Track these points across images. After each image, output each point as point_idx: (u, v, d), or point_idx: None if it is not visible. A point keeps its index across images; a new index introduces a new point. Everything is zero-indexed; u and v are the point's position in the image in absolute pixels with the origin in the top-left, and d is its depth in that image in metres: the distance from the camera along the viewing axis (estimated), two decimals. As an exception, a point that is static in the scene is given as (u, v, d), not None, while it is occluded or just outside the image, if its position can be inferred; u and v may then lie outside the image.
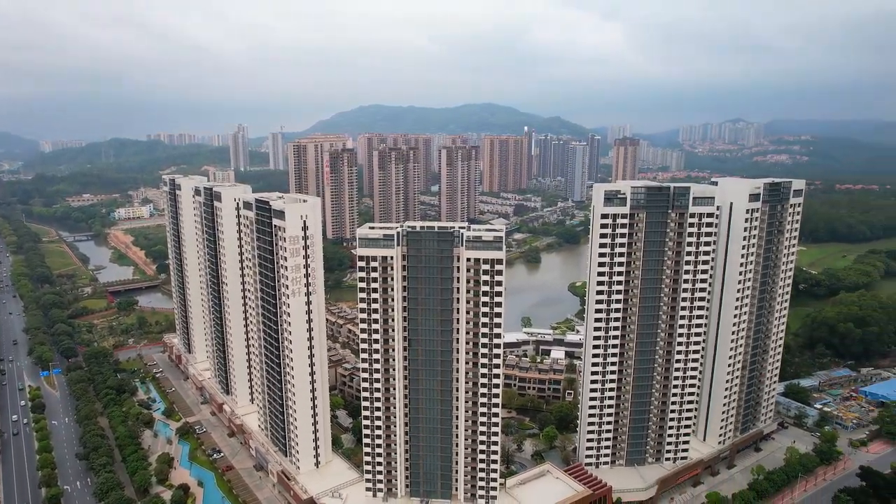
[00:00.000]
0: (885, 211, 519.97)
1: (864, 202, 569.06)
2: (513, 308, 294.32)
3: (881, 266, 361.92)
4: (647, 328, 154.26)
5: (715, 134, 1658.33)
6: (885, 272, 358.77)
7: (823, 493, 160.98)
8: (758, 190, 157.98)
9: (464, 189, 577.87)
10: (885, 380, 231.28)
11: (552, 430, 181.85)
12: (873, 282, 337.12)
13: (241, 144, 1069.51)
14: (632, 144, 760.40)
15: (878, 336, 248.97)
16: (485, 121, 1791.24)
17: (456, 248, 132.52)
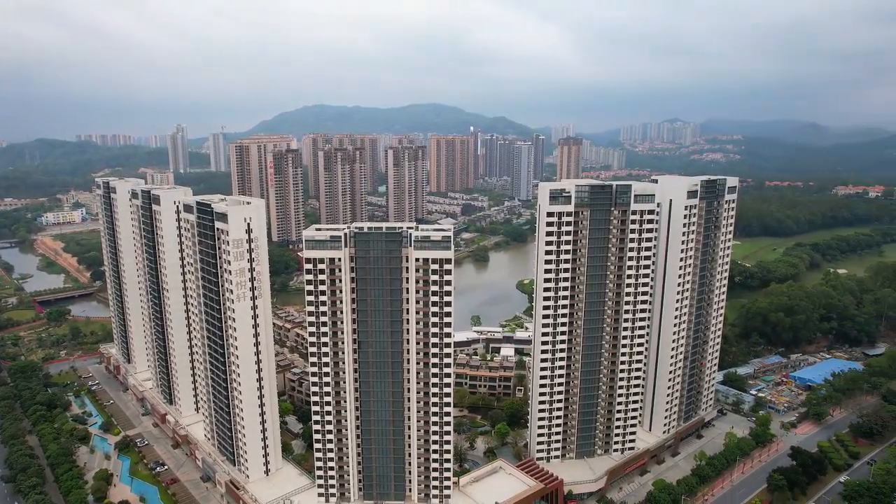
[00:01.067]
0: (808, 206, 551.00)
1: (790, 198, 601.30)
2: (462, 307, 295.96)
3: (806, 258, 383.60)
4: (594, 323, 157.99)
5: (654, 133, 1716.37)
6: (810, 264, 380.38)
7: (759, 473, 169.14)
8: (695, 187, 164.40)
9: (411, 189, 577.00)
10: (811, 365, 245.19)
11: (504, 426, 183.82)
12: (800, 273, 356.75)
13: (181, 145, 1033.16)
14: (575, 144, 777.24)
15: (805, 323, 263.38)
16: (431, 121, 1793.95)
17: (404, 249, 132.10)
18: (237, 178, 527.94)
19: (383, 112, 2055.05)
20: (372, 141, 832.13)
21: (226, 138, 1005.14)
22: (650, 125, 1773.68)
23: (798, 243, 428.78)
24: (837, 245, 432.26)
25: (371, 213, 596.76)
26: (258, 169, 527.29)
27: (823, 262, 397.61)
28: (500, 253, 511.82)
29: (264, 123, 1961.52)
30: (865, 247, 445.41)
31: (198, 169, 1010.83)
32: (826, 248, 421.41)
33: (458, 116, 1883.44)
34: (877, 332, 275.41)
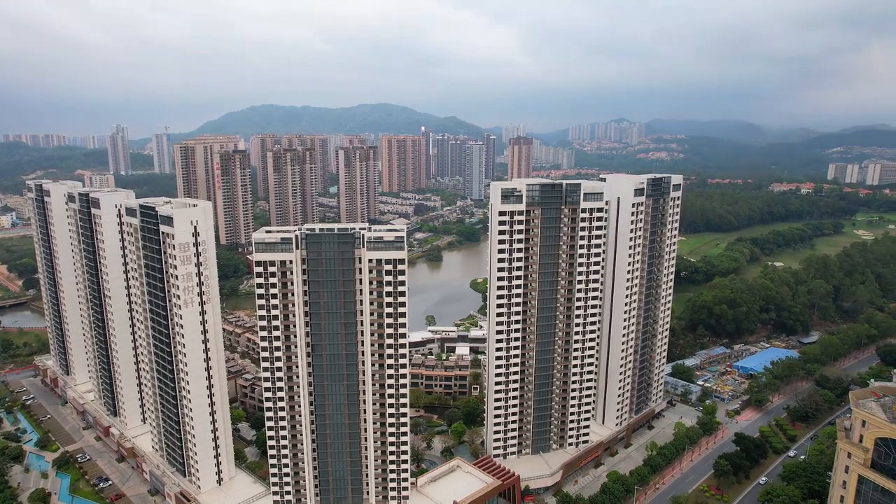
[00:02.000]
0: (748, 203, 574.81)
1: (731, 195, 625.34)
2: (416, 307, 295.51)
3: (747, 252, 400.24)
4: (546, 320, 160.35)
5: (601, 133, 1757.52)
6: (750, 257, 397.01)
7: (707, 460, 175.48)
8: (642, 185, 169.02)
9: (363, 190, 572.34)
10: (752, 354, 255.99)
11: (460, 425, 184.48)
12: (741, 267, 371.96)
13: (122, 146, 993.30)
14: (525, 144, 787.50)
15: (747, 315, 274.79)
16: (382, 121, 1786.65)
17: (357, 250, 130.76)
18: (182, 179, 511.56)
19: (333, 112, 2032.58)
20: (322, 141, 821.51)
21: (170, 139, 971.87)
22: (598, 125, 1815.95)
23: (739, 238, 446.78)
24: (774, 239, 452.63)
25: (322, 215, 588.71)
26: (205, 170, 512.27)
27: (762, 255, 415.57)
28: (454, 252, 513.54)
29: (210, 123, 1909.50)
30: (799, 240, 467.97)
31: (140, 171, 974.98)
32: (764, 243, 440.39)
33: (409, 116, 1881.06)
34: (810, 321, 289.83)
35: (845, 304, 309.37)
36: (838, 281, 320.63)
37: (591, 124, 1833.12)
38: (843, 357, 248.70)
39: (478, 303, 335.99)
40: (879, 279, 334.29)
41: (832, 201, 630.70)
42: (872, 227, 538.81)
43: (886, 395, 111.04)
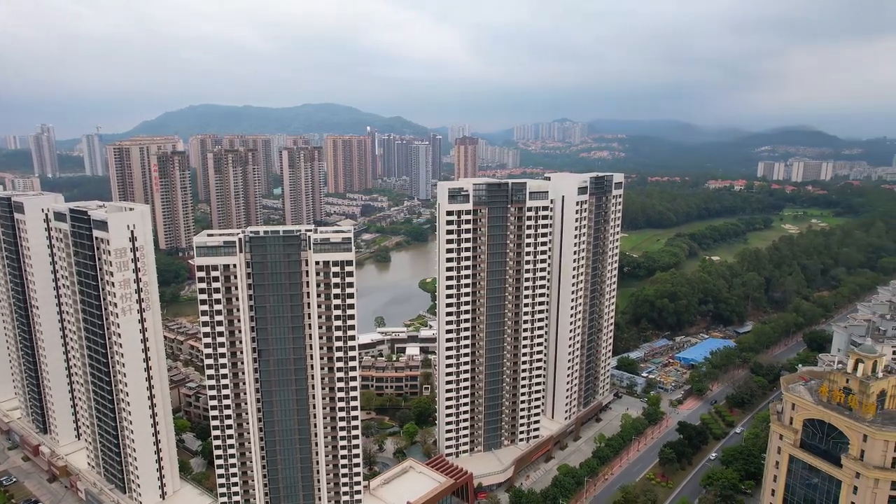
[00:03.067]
0: (686, 200, 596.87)
1: (670, 192, 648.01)
2: (365, 309, 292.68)
3: (686, 247, 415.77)
4: (495, 318, 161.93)
5: (545, 133, 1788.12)
6: (688, 252, 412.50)
7: (652, 449, 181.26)
8: (585, 184, 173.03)
9: (308, 191, 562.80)
10: (693, 345, 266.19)
11: (412, 425, 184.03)
12: (680, 261, 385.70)
13: (47, 147, 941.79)
14: (471, 143, 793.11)
15: (687, 308, 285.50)
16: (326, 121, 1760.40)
17: (303, 252, 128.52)
18: (117, 182, 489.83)
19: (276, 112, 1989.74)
20: (265, 142, 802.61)
21: (102, 140, 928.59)
22: (542, 125, 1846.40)
23: (678, 234, 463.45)
24: (710, 234, 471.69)
25: (267, 217, 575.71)
26: (141, 173, 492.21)
27: (700, 250, 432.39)
28: (402, 253, 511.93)
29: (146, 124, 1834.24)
30: (733, 235, 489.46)
31: (70, 173, 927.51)
32: (701, 238, 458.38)
33: (354, 116, 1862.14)
34: (745, 311, 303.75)
35: (775, 294, 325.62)
36: (769, 273, 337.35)
37: (535, 124, 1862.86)
38: (774, 345, 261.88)
39: (427, 303, 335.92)
40: (805, 270, 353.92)
41: (762, 197, 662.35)
42: (798, 222, 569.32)
43: (812, 379, 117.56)
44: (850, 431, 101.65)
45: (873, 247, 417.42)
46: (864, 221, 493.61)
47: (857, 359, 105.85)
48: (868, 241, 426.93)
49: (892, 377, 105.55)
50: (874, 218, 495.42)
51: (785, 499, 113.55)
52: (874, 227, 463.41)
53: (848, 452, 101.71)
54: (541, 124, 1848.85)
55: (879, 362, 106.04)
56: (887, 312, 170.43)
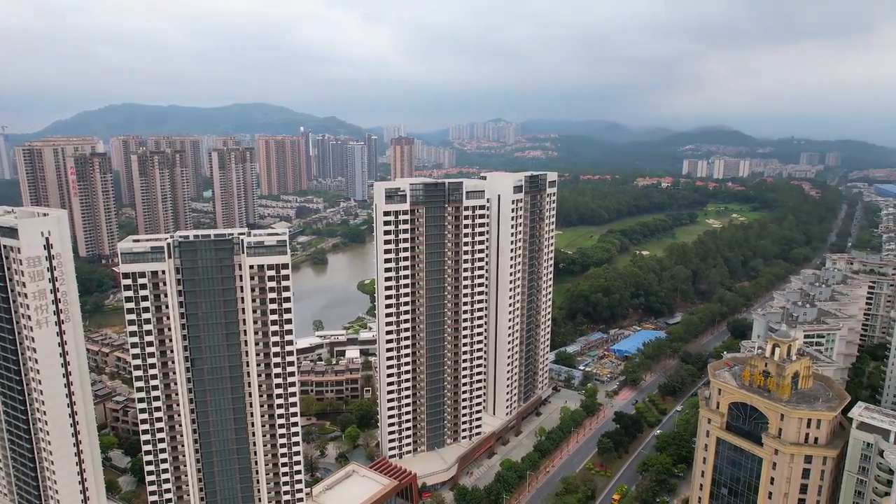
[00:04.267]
0: (616, 197, 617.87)
1: (601, 190, 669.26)
2: (303, 312, 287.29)
3: (617, 243, 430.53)
4: (435, 317, 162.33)
5: (480, 133, 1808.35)
6: (620, 248, 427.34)
7: (591, 439, 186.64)
8: (520, 182, 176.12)
9: (240, 193, 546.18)
10: (626, 337, 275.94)
11: (354, 429, 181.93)
12: (613, 257, 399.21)
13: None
14: (407, 143, 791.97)
15: (620, 301, 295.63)
16: (258, 121, 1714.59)
17: (236, 256, 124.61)
18: (28, 186, 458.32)
19: (204, 112, 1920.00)
20: (193, 142, 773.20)
21: (9, 140, 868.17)
22: (476, 125, 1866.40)
23: (610, 230, 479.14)
24: (640, 230, 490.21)
25: (197, 221, 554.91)
26: (56, 175, 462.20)
27: (631, 245, 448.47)
28: (339, 255, 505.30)
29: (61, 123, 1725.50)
30: (661, 230, 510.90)
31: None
32: (632, 233, 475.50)
33: (286, 116, 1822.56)
34: (674, 303, 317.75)
35: (702, 286, 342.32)
36: (695, 266, 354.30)
37: (471, 124, 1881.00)
38: (701, 334, 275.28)
39: (366, 304, 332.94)
40: (727, 262, 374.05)
41: (687, 194, 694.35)
42: (720, 217, 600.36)
43: (736, 365, 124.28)
44: (769, 412, 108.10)
45: (786, 239, 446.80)
46: (778, 216, 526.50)
47: (774, 344, 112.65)
48: (781, 233, 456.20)
49: (804, 359, 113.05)
50: (786, 212, 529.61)
51: (714, 479, 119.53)
52: (786, 220, 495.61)
53: (767, 431, 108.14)
54: (476, 124, 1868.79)
55: (793, 346, 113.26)
56: (799, 300, 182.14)
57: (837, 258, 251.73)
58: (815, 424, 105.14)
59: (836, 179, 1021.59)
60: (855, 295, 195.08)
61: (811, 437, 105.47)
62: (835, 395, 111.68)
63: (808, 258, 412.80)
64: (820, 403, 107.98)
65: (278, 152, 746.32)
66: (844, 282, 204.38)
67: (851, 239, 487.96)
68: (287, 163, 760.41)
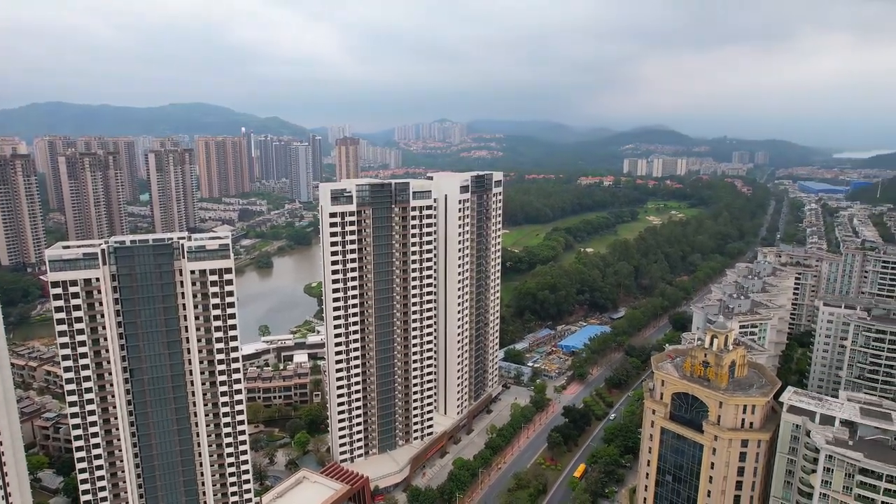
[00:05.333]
0: (560, 196, 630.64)
1: (546, 189, 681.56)
2: (248, 317, 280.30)
3: (562, 241, 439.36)
4: (384, 318, 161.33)
5: (426, 133, 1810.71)
6: (565, 245, 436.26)
7: (541, 434, 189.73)
8: (466, 182, 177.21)
9: (179, 196, 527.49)
10: (573, 333, 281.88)
11: (304, 434, 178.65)
12: (558, 254, 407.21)
13: None
14: (352, 144, 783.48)
15: (566, 298, 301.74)
16: (197, 121, 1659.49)
17: (177, 261, 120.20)
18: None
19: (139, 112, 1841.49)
20: (128, 144, 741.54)
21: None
22: (422, 125, 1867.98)
23: (555, 228, 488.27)
24: (584, 228, 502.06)
25: (134, 225, 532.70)
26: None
27: (575, 243, 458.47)
28: (285, 258, 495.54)
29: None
30: (604, 227, 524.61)
31: None
32: (576, 231, 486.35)
33: (227, 117, 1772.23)
34: (618, 298, 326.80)
35: (644, 281, 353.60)
36: (637, 262, 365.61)
37: (416, 124, 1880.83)
38: (645, 327, 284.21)
39: (314, 308, 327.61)
40: (667, 258, 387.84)
41: (628, 192, 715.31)
42: (659, 213, 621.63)
43: (678, 356, 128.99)
44: (708, 400, 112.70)
45: (721, 234, 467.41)
46: (713, 212, 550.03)
47: (712, 335, 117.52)
48: (717, 229, 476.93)
49: (740, 348, 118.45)
50: (721, 209, 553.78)
51: (659, 467, 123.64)
52: (721, 217, 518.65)
53: (708, 419, 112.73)
54: (422, 124, 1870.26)
55: (730, 336, 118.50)
56: (734, 292, 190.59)
57: (768, 251, 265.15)
58: (750, 410, 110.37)
59: (764, 177, 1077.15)
60: (783, 286, 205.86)
61: (747, 422, 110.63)
62: (767, 382, 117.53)
63: (742, 252, 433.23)
64: (754, 390, 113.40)
65: (219, 153, 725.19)
66: (774, 274, 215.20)
67: (779, 233, 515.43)
68: (228, 164, 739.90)
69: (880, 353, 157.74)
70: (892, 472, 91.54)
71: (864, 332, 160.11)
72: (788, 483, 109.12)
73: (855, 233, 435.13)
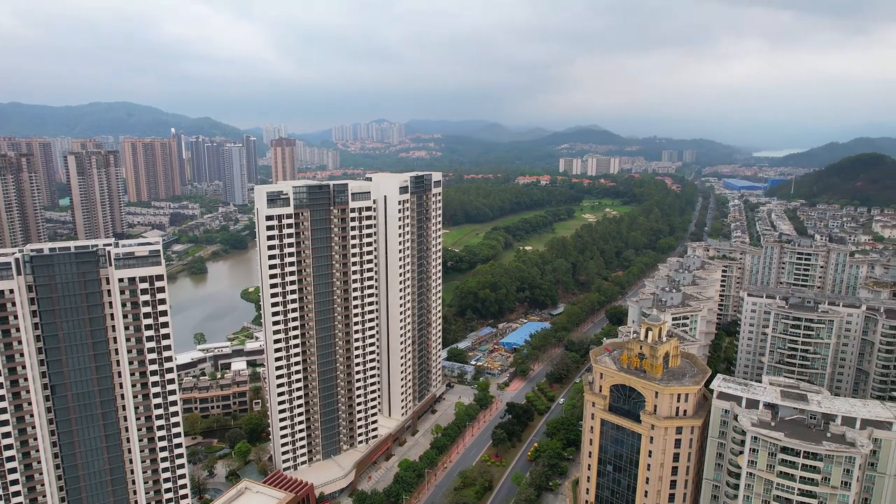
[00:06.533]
0: (499, 195, 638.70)
1: (485, 188, 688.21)
2: (182, 326, 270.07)
3: (502, 240, 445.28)
4: (325, 322, 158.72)
5: (364, 133, 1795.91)
6: (505, 244, 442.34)
7: (485, 432, 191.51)
8: (406, 183, 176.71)
9: (104, 200, 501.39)
10: (514, 330, 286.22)
11: (244, 444, 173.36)
12: (498, 253, 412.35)
13: None
14: (288, 145, 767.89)
15: (506, 296, 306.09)
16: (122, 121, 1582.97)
17: (103, 270, 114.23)
18: None
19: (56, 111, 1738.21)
20: (45, 145, 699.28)
21: None
22: (360, 125, 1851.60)
23: (494, 227, 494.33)
24: (523, 226, 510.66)
25: (53, 232, 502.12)
26: None
27: (514, 241, 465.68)
28: (220, 263, 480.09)
29: None
30: (542, 226, 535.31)
31: None
32: (515, 230, 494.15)
33: (155, 117, 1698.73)
34: (556, 295, 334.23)
35: (581, 277, 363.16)
36: (574, 258, 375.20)
37: (354, 125, 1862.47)
38: (583, 322, 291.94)
39: (251, 313, 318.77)
40: (603, 254, 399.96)
41: (564, 190, 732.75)
42: (595, 211, 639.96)
43: (615, 350, 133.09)
44: (645, 391, 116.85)
45: (653, 230, 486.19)
46: (645, 208, 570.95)
47: (647, 327, 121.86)
48: (649, 225, 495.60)
49: (673, 340, 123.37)
50: (652, 206, 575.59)
51: (599, 458, 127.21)
52: (653, 213, 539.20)
53: (645, 409, 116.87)
54: (359, 125, 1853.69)
55: (663, 329, 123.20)
56: (666, 285, 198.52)
57: (696, 246, 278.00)
58: (683, 399, 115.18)
59: (692, 175, 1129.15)
60: (711, 279, 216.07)
61: (681, 410, 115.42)
62: (699, 371, 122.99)
63: (673, 247, 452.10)
64: (687, 379, 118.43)
65: (147, 155, 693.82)
66: (702, 267, 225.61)
67: (707, 228, 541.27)
68: (158, 167, 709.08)
69: (797, 338, 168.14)
70: (808, 448, 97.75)
71: (783, 319, 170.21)
72: (719, 465, 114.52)
73: (773, 227, 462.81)
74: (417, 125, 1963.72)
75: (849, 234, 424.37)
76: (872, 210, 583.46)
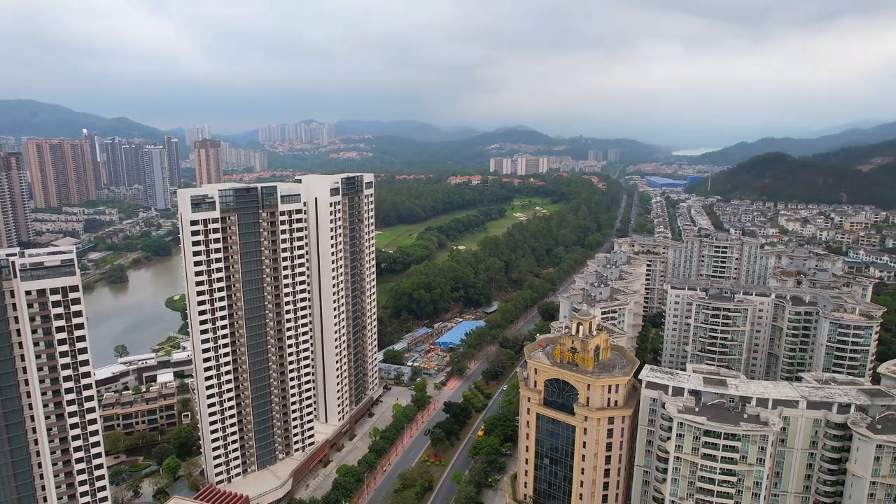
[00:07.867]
0: (431, 195, 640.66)
1: (417, 189, 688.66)
2: (101, 338, 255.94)
3: (435, 240, 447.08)
4: (256, 329, 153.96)
5: (292, 134, 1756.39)
6: (438, 244, 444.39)
7: (424, 432, 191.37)
8: (337, 184, 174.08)
9: (6, 207, 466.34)
10: (450, 329, 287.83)
11: (173, 459, 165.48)
12: (432, 253, 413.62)
13: None
14: (213, 146, 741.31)
15: (441, 296, 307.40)
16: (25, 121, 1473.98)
17: (6, 281, 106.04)
18: None
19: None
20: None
21: None
22: (288, 126, 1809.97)
23: (427, 228, 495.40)
24: (455, 226, 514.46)
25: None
26: None
27: (448, 241, 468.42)
28: (141, 270, 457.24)
29: None
30: (475, 225, 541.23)
31: None
32: (448, 230, 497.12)
33: (64, 116, 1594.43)
34: (490, 293, 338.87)
35: (514, 275, 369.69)
36: (507, 257, 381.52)
37: (282, 125, 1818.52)
38: (517, 319, 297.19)
39: (178, 322, 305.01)
40: (534, 252, 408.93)
41: (495, 190, 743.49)
42: (525, 210, 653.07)
43: (549, 345, 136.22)
44: (577, 384, 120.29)
45: (581, 227, 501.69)
46: (573, 206, 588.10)
47: (578, 322, 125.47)
48: (578, 222, 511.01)
49: (603, 333, 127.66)
50: (580, 204, 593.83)
51: (536, 451, 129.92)
52: (581, 211, 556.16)
53: (578, 401, 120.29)
54: (287, 125, 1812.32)
55: (593, 323, 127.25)
56: (595, 281, 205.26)
57: (622, 242, 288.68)
58: (614, 389, 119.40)
59: (616, 173, 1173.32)
60: (637, 273, 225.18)
61: (612, 400, 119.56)
62: (628, 362, 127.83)
63: (600, 243, 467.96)
64: (617, 370, 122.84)
65: (56, 158, 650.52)
66: (628, 262, 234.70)
67: (632, 224, 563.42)
68: (69, 170, 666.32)
69: (716, 327, 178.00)
70: (728, 430, 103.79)
71: (703, 310, 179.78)
72: (649, 451, 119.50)
73: (693, 222, 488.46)
74: (348, 125, 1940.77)
75: (759, 228, 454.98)
76: (778, 205, 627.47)
